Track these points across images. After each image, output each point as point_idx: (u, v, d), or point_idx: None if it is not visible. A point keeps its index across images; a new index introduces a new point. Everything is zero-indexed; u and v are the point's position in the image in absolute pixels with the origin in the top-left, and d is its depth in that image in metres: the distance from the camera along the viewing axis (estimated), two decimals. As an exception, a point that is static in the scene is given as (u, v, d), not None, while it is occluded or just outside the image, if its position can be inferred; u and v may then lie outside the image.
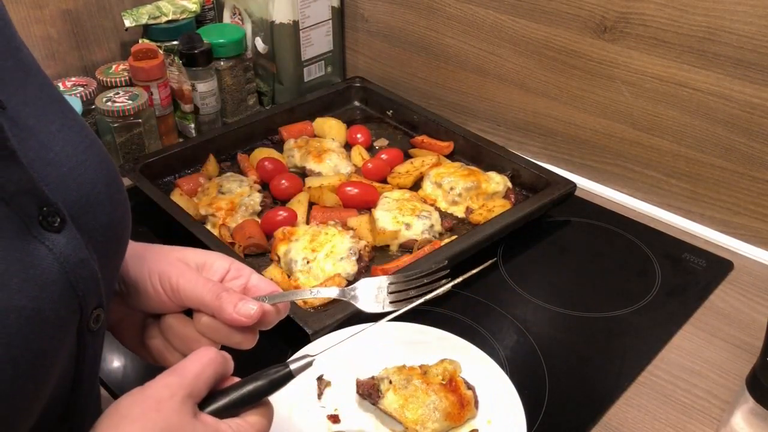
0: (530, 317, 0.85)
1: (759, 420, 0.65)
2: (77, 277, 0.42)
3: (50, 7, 1.16)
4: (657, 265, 0.93)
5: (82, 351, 0.46)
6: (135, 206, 1.06)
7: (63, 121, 0.46)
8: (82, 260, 0.43)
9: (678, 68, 0.94)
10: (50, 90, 0.47)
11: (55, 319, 0.41)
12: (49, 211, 0.41)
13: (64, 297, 0.42)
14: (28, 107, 0.44)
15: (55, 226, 0.42)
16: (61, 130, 0.45)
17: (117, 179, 0.49)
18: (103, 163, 0.48)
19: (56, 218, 0.42)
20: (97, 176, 0.46)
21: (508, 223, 0.93)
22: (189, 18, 1.24)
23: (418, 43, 1.25)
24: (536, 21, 1.07)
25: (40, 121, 0.44)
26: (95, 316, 0.46)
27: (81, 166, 0.45)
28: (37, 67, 0.47)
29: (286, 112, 1.20)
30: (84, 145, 0.46)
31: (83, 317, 0.44)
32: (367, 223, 0.97)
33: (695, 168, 0.99)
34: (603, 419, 0.73)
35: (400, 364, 0.72)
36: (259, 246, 0.94)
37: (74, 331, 0.44)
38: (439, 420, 0.67)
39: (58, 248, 0.41)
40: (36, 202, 0.41)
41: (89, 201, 0.45)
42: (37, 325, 0.39)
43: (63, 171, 0.44)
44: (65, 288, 0.42)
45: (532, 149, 1.16)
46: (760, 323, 0.82)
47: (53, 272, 0.41)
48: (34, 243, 0.40)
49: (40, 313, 0.39)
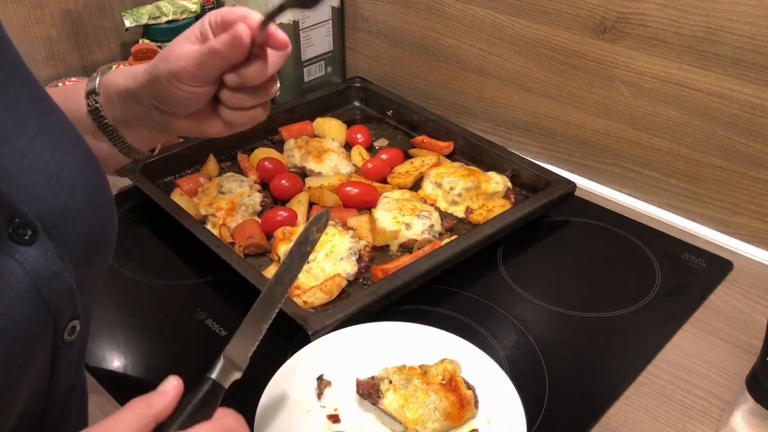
0: (530, 317, 0.85)
1: (759, 420, 0.65)
2: (50, 290, 0.41)
3: (50, 7, 1.16)
4: (657, 265, 0.93)
5: (56, 362, 0.45)
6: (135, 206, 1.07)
7: (43, 124, 0.44)
8: (55, 273, 0.41)
9: (678, 68, 0.94)
10: (32, 89, 0.46)
11: (24, 335, 0.40)
12: (20, 224, 0.40)
13: (35, 312, 0.40)
14: (6, 111, 0.42)
15: (26, 238, 0.40)
16: (40, 134, 0.44)
17: (100, 183, 0.48)
18: (85, 167, 0.46)
19: (27, 230, 0.40)
20: (76, 182, 0.44)
21: (508, 223, 0.93)
22: (189, 18, 1.24)
23: (418, 43, 1.25)
24: (536, 21, 1.07)
25: (17, 126, 0.42)
26: (71, 328, 0.44)
27: (59, 173, 0.43)
28: (21, 65, 0.46)
29: (286, 112, 1.20)
30: (64, 150, 0.45)
31: (57, 330, 0.43)
32: (367, 223, 0.97)
33: (695, 168, 0.99)
34: (603, 419, 0.73)
35: (400, 364, 0.72)
36: (260, 246, 0.94)
37: (48, 343, 0.43)
38: (439, 420, 0.67)
39: (29, 262, 0.40)
40: (5, 215, 0.39)
41: (66, 209, 0.43)
42: (4, 343, 0.38)
43: (38, 179, 0.42)
44: (37, 302, 0.40)
45: (532, 149, 1.16)
46: (760, 323, 0.82)
47: (23, 287, 0.39)
48: (3, 257, 0.39)
49: (7, 330, 0.38)
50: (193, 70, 0.55)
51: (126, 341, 0.82)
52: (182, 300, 0.88)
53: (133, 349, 0.82)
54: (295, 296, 0.84)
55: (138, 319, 0.86)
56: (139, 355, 0.81)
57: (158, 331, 0.84)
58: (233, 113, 0.60)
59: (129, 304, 0.88)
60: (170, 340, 0.83)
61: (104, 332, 0.82)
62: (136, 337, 0.83)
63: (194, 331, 0.83)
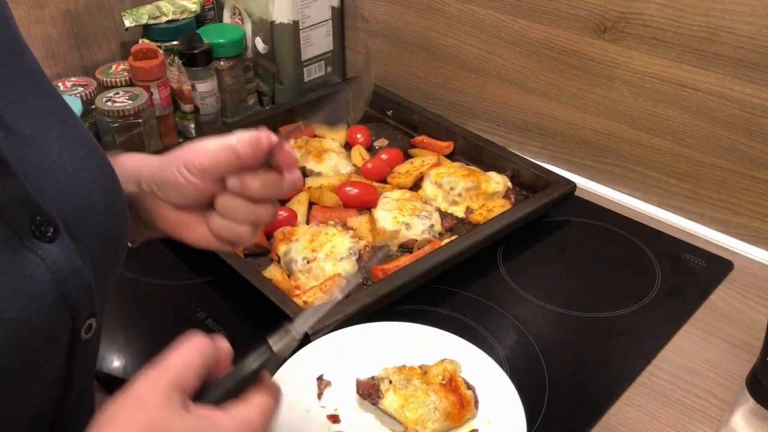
0: (530, 317, 0.85)
1: (759, 420, 0.65)
2: (70, 287, 0.42)
3: (50, 7, 1.16)
4: (657, 265, 0.93)
5: (73, 360, 0.45)
6: (135, 206, 1.04)
7: (62, 129, 0.46)
8: (75, 270, 0.42)
9: (678, 68, 0.94)
10: (51, 96, 0.47)
11: (45, 330, 0.41)
12: (43, 221, 0.41)
13: (55, 307, 0.41)
14: (27, 114, 0.43)
15: (48, 235, 0.41)
16: (60, 138, 0.45)
17: (116, 188, 0.49)
18: (102, 171, 0.47)
19: (50, 228, 0.41)
20: (94, 185, 0.46)
21: (508, 223, 0.93)
22: (189, 18, 1.24)
23: (418, 43, 1.25)
24: (536, 21, 1.07)
25: (38, 129, 0.44)
26: (87, 326, 0.45)
27: (78, 175, 0.45)
28: (40, 72, 0.47)
29: (286, 112, 1.20)
30: (82, 153, 0.46)
31: (75, 327, 0.44)
32: (367, 223, 0.97)
33: (695, 168, 0.99)
34: (603, 419, 0.73)
35: (400, 364, 0.72)
36: (259, 246, 0.94)
37: (66, 340, 0.44)
38: (439, 420, 0.67)
39: (51, 258, 0.41)
40: (29, 212, 0.41)
41: (85, 210, 0.45)
42: (27, 337, 0.39)
43: (59, 179, 0.43)
44: (57, 298, 0.41)
45: (532, 149, 1.16)
46: (760, 323, 0.82)
47: (45, 282, 0.40)
48: (26, 253, 0.40)
49: (30, 324, 0.39)
50: (205, 161, 0.54)
51: (126, 341, 0.82)
52: (182, 300, 0.88)
53: (133, 349, 0.82)
54: (295, 296, 0.84)
55: (138, 319, 0.86)
56: (139, 355, 0.81)
57: (158, 331, 0.84)
58: (221, 223, 0.57)
59: (129, 304, 0.88)
60: (170, 340, 0.82)
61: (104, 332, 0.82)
62: (135, 337, 0.83)
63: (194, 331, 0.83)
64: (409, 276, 0.83)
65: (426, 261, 0.86)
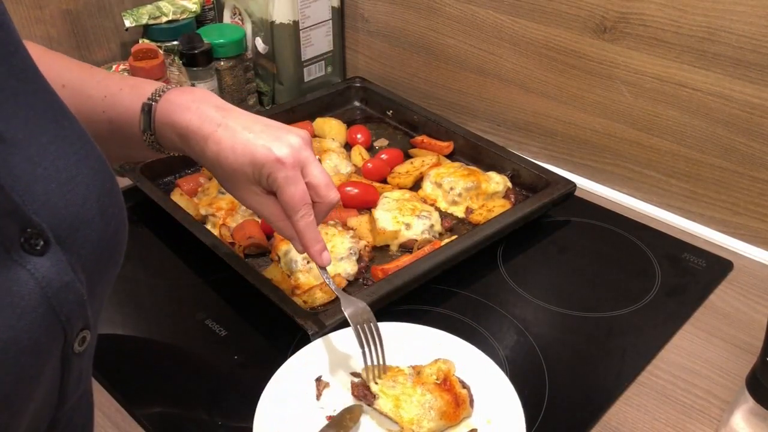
0: (530, 317, 0.85)
1: (759, 420, 0.65)
2: (61, 301, 0.40)
3: (50, 7, 1.16)
4: (657, 265, 0.93)
5: (66, 373, 0.44)
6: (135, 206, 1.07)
7: (56, 131, 0.44)
8: (67, 283, 0.41)
9: (678, 68, 0.94)
10: (46, 95, 0.45)
11: (34, 347, 0.39)
12: (32, 233, 0.39)
13: (45, 323, 0.40)
14: (17, 118, 0.41)
15: (38, 248, 0.39)
16: (53, 142, 0.43)
17: (112, 192, 0.47)
18: (98, 175, 0.45)
19: (39, 240, 0.39)
20: (89, 190, 0.44)
21: (508, 223, 0.93)
22: (189, 18, 1.24)
23: (418, 43, 1.25)
24: (536, 21, 1.07)
25: (30, 133, 0.42)
26: (81, 338, 0.44)
27: (72, 181, 0.43)
28: (33, 69, 0.45)
29: (286, 112, 1.20)
30: (77, 158, 0.44)
31: (67, 341, 0.42)
32: (367, 223, 0.97)
33: (695, 168, 0.99)
34: (603, 419, 0.73)
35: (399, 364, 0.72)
36: (260, 246, 0.94)
37: (58, 354, 0.42)
38: (434, 419, 0.67)
39: (41, 272, 0.39)
40: (18, 225, 0.39)
41: (79, 218, 0.43)
42: (14, 355, 0.37)
43: (51, 187, 0.41)
44: (47, 313, 0.40)
45: (532, 149, 1.16)
46: (760, 323, 0.82)
47: (34, 298, 0.39)
48: (15, 267, 0.38)
49: (17, 342, 0.37)
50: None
51: (126, 341, 0.82)
52: (182, 300, 0.88)
53: (133, 349, 0.82)
54: (295, 296, 0.84)
55: (138, 319, 0.86)
56: (139, 355, 0.81)
57: (158, 331, 0.84)
58: None
59: (129, 304, 0.88)
60: (170, 340, 0.83)
61: (104, 332, 0.82)
62: (135, 337, 0.83)
63: (194, 331, 0.83)
64: (409, 276, 0.84)
65: (426, 261, 0.86)
